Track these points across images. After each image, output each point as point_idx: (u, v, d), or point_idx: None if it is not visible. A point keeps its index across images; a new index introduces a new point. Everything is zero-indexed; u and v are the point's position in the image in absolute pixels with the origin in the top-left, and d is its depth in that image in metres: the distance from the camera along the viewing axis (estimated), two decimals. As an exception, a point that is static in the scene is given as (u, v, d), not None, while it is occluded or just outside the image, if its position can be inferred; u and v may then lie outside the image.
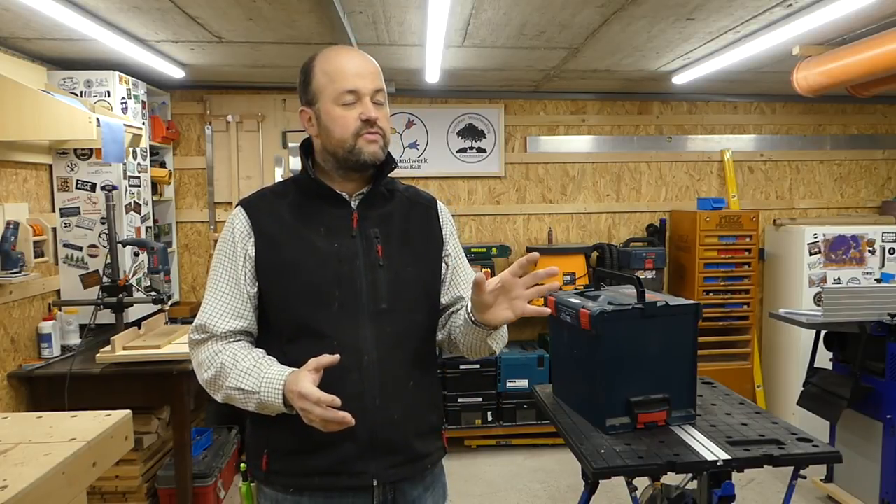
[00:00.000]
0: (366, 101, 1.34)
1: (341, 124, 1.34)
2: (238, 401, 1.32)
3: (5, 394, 2.84)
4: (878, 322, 2.97)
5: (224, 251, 1.38)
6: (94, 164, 3.30)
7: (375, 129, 1.35)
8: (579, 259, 4.31)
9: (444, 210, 1.55)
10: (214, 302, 1.36)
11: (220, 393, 1.34)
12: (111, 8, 2.57)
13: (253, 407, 1.30)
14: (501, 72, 3.87)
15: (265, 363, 1.31)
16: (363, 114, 1.33)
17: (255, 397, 1.28)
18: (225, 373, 1.31)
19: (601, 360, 1.93)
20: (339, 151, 1.36)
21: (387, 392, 1.35)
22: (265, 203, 1.41)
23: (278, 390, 1.25)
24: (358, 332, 1.34)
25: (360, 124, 1.34)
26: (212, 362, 1.34)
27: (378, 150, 1.36)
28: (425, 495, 1.44)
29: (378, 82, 1.37)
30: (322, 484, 1.34)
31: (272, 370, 1.29)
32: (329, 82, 1.35)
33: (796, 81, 3.34)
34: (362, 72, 1.35)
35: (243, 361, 1.31)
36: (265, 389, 1.27)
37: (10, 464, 1.02)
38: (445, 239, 1.51)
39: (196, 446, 3.32)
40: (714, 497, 1.89)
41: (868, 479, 3.15)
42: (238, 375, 1.30)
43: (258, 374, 1.28)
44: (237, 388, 1.30)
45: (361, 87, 1.34)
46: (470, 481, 3.74)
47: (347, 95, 1.33)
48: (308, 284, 1.34)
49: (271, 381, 1.27)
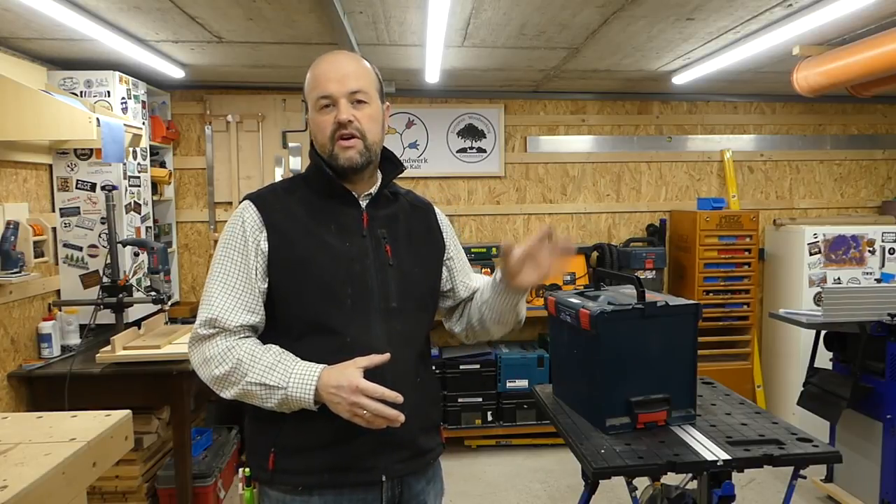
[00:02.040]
0: (340, 104, 1.36)
1: (320, 129, 1.38)
2: (256, 397, 1.29)
3: (5, 394, 2.84)
4: (878, 322, 2.96)
5: (233, 244, 1.37)
6: (94, 164, 3.30)
7: (349, 132, 1.36)
8: (579, 259, 4.32)
9: (441, 214, 1.62)
10: (225, 295, 1.34)
11: (232, 389, 1.31)
12: (111, 8, 2.57)
13: (273, 403, 1.28)
14: (501, 72, 3.87)
15: (289, 359, 1.30)
16: (336, 117, 1.36)
17: (280, 393, 1.26)
18: (243, 369, 1.28)
19: (601, 360, 1.93)
20: (324, 156, 1.40)
21: (397, 389, 1.35)
22: (275, 198, 1.42)
23: (310, 386, 1.24)
24: (370, 329, 1.35)
25: (334, 127, 1.36)
26: (225, 358, 1.30)
27: (354, 154, 1.37)
28: (427, 488, 1.47)
29: (355, 83, 1.37)
30: (332, 481, 1.34)
31: (300, 366, 1.28)
32: (310, 90, 1.40)
33: (796, 81, 3.34)
34: (336, 75, 1.37)
35: (264, 357, 1.29)
36: (294, 385, 1.25)
37: (10, 464, 1.03)
38: (446, 242, 1.57)
39: (196, 446, 3.32)
40: (714, 497, 1.89)
41: (868, 479, 3.15)
42: (261, 371, 1.27)
43: (284, 370, 1.27)
44: (260, 383, 1.27)
45: (334, 91, 1.36)
46: (470, 481, 3.74)
47: (322, 100, 1.37)
48: (321, 281, 1.34)
49: (301, 377, 1.25)
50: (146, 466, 3.14)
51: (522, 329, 4.97)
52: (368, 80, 1.41)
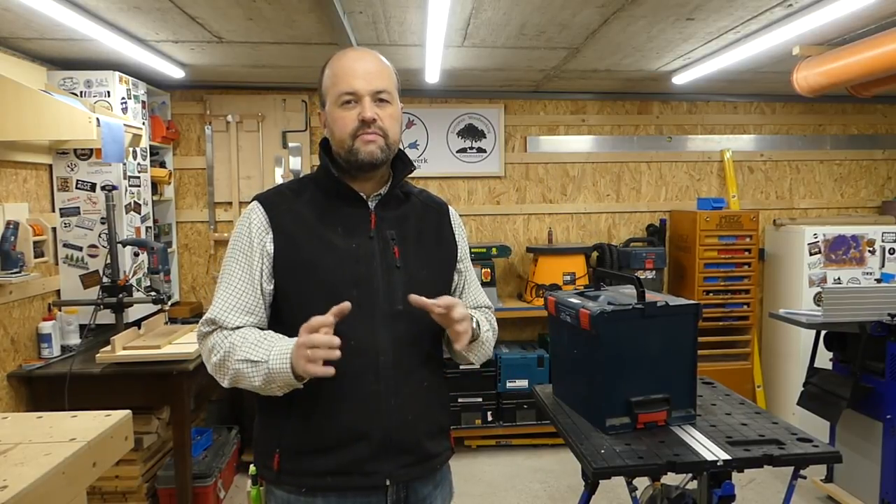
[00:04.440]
0: (364, 102, 1.35)
1: (341, 126, 1.36)
2: (244, 375, 1.28)
3: (5, 394, 2.84)
4: (878, 322, 2.96)
5: (239, 245, 1.38)
6: (94, 164, 3.30)
7: (373, 130, 1.35)
8: (579, 259, 4.31)
9: (455, 216, 1.58)
10: (226, 296, 1.35)
11: (228, 373, 1.31)
12: (111, 8, 2.57)
13: (259, 381, 1.27)
14: (501, 72, 3.87)
15: (275, 336, 1.31)
16: (360, 114, 1.34)
17: (262, 367, 1.26)
18: (234, 351, 1.29)
19: (601, 360, 1.93)
20: (341, 152, 1.38)
21: (401, 393, 1.35)
22: (283, 199, 1.41)
23: (286, 356, 1.24)
24: (374, 332, 1.34)
25: (357, 125, 1.35)
26: (221, 345, 1.32)
27: (375, 149, 1.36)
28: (435, 493, 1.46)
29: (380, 83, 1.37)
30: (335, 484, 1.34)
31: (283, 341, 1.28)
32: (332, 84, 1.38)
33: (796, 81, 3.34)
34: (362, 73, 1.36)
35: (252, 335, 1.31)
36: (274, 357, 1.25)
37: (10, 464, 1.03)
38: (459, 245, 1.54)
39: (196, 446, 3.32)
40: (714, 497, 1.89)
41: (868, 479, 3.15)
42: (247, 348, 1.28)
43: (268, 346, 1.27)
44: (245, 360, 1.27)
45: (359, 88, 1.35)
46: (470, 481, 3.74)
47: (345, 96, 1.35)
48: (326, 284, 1.34)
49: (280, 350, 1.25)
50: (146, 466, 3.14)
51: (522, 329, 4.97)
52: (391, 81, 1.41)
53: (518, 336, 4.63)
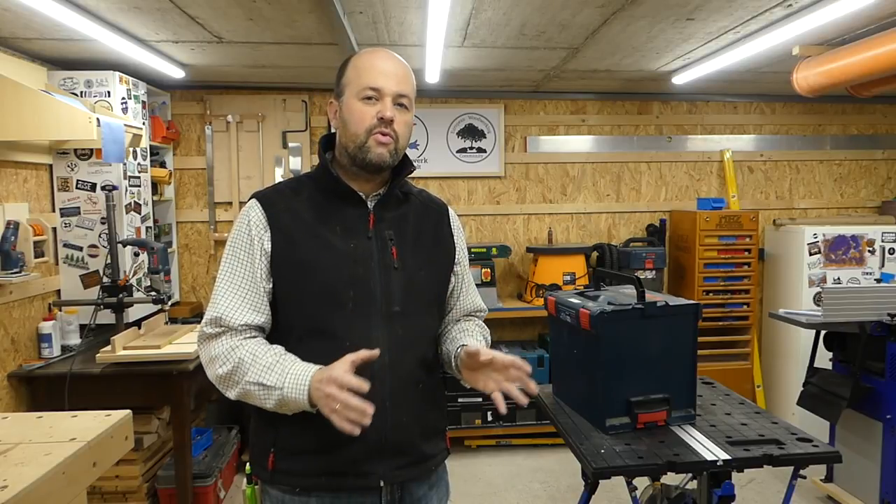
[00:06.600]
0: (386, 101, 1.35)
1: (357, 118, 1.35)
2: (256, 397, 1.28)
3: (5, 394, 2.84)
4: (878, 322, 2.97)
5: (239, 243, 1.36)
6: (94, 164, 3.30)
7: (388, 131, 1.35)
8: (579, 259, 4.31)
9: (454, 217, 1.58)
10: (230, 294, 1.33)
11: (235, 389, 1.30)
12: (111, 8, 2.57)
13: (271, 404, 1.26)
14: (501, 72, 3.87)
15: (288, 359, 1.28)
16: (380, 112, 1.34)
17: (276, 393, 1.24)
18: (243, 368, 1.28)
19: (601, 360, 1.93)
20: (350, 146, 1.37)
21: (397, 394, 1.35)
22: (281, 198, 1.40)
23: (304, 387, 1.22)
24: (370, 333, 1.34)
25: (374, 122, 1.34)
26: (228, 357, 1.29)
27: (385, 153, 1.35)
28: (430, 493, 1.46)
29: (404, 87, 1.38)
30: (329, 484, 1.34)
31: (297, 366, 1.26)
32: (356, 77, 1.37)
33: (796, 81, 3.34)
34: (389, 72, 1.37)
35: (264, 357, 1.28)
36: (289, 386, 1.23)
37: (10, 464, 1.03)
38: (457, 247, 1.53)
39: (196, 446, 3.32)
40: (714, 497, 1.89)
41: (868, 479, 3.15)
42: (259, 371, 1.26)
43: (281, 370, 1.25)
44: (258, 383, 1.26)
45: (384, 86, 1.35)
46: (470, 481, 3.74)
47: (369, 91, 1.35)
48: (323, 284, 1.33)
49: (296, 378, 1.24)
50: (146, 466, 3.14)
51: (522, 329, 4.96)
52: (412, 89, 1.42)
53: (518, 336, 4.63)
